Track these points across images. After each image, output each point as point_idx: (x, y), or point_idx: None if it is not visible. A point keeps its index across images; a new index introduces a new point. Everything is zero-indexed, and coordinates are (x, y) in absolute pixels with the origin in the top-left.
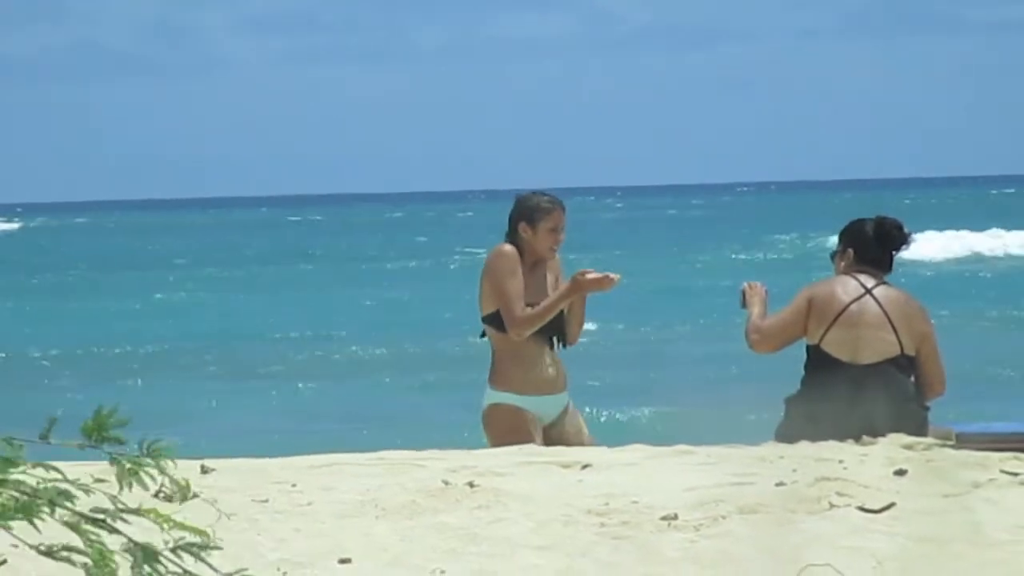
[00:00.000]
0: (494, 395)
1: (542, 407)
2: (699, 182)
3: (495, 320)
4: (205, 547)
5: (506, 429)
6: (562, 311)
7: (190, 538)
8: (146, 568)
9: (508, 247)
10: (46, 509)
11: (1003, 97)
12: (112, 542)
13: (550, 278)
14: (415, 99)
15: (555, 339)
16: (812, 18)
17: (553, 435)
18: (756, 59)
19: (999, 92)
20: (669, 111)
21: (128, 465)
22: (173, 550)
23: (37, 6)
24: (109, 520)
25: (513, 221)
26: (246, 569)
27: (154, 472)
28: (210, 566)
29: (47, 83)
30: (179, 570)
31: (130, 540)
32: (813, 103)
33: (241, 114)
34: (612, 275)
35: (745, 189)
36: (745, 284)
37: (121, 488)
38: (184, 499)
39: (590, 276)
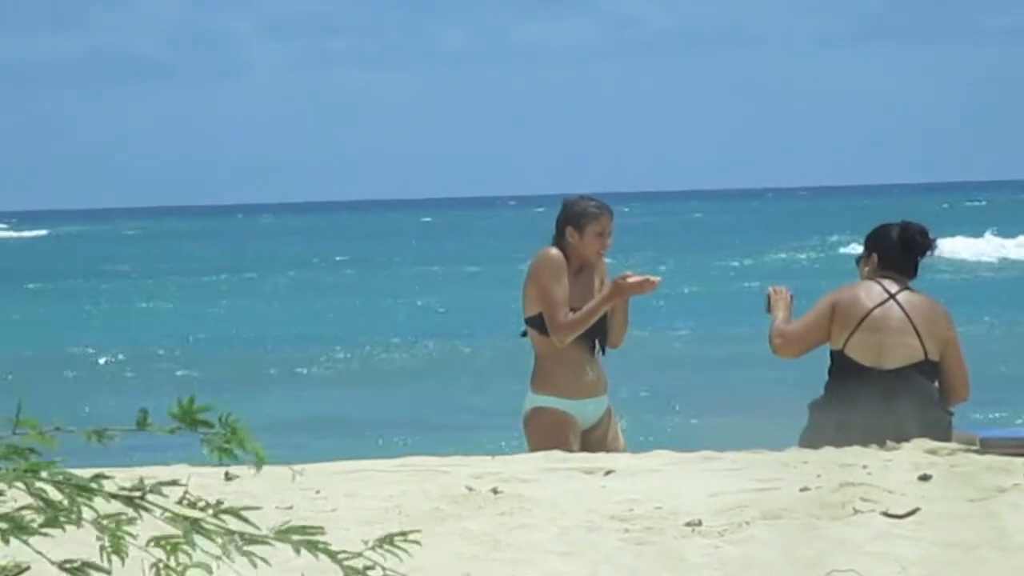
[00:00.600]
0: (536, 399)
1: (583, 411)
2: (720, 187)
3: (538, 323)
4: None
5: (547, 433)
6: (605, 314)
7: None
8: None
9: (554, 251)
10: (71, 516)
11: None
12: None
13: (596, 282)
14: (437, 103)
15: (598, 342)
16: (831, 24)
17: (592, 439)
18: (776, 64)
19: (1017, 98)
20: (689, 116)
21: (220, 444)
22: (215, 514)
23: (58, 13)
24: (146, 495)
25: (560, 225)
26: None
27: (236, 449)
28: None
29: (68, 89)
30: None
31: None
32: (835, 108)
33: (264, 118)
34: (653, 278)
35: (771, 195)
36: (770, 288)
37: (221, 461)
38: (261, 465)
39: (631, 280)
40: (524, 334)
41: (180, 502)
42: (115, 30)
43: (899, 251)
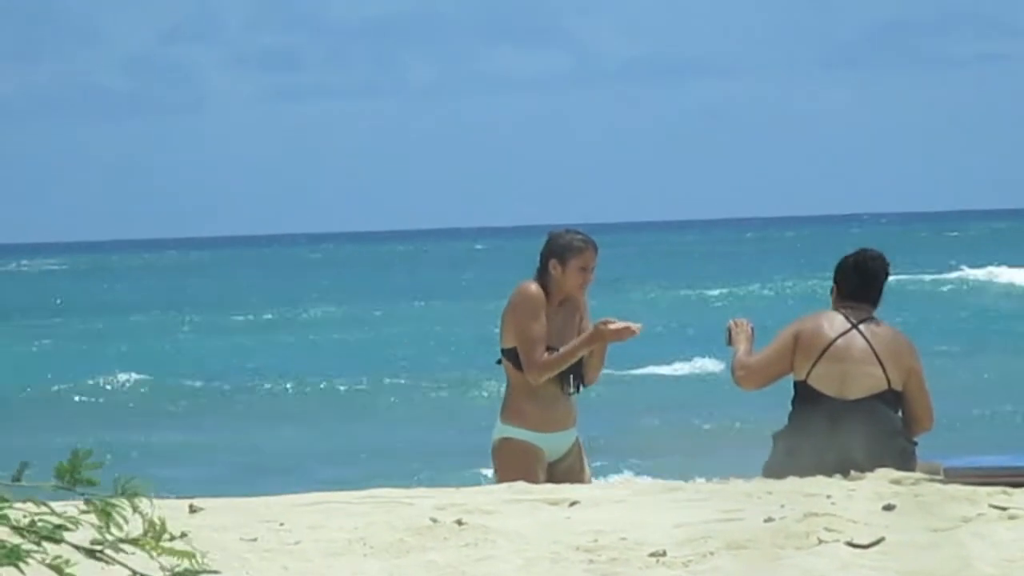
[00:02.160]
0: (505, 429)
1: (551, 443)
2: (693, 217)
3: (513, 355)
4: (198, 572)
5: (514, 463)
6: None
7: (184, 564)
8: None
9: (533, 287)
10: (36, 548)
11: (990, 130)
12: (110, 572)
13: (576, 318)
14: (406, 134)
15: (572, 379)
16: (802, 53)
17: (559, 471)
18: (747, 93)
19: (986, 125)
20: (659, 145)
21: (101, 506)
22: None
23: (23, 45)
24: (107, 551)
25: (544, 258)
26: None
27: (127, 512)
28: None
29: (29, 122)
30: None
31: (132, 570)
32: (805, 137)
33: (231, 151)
34: (633, 326)
35: (747, 224)
36: (731, 321)
37: (107, 527)
38: (158, 540)
39: (612, 326)
40: (499, 361)
41: (145, 534)
42: (81, 62)
43: (855, 279)
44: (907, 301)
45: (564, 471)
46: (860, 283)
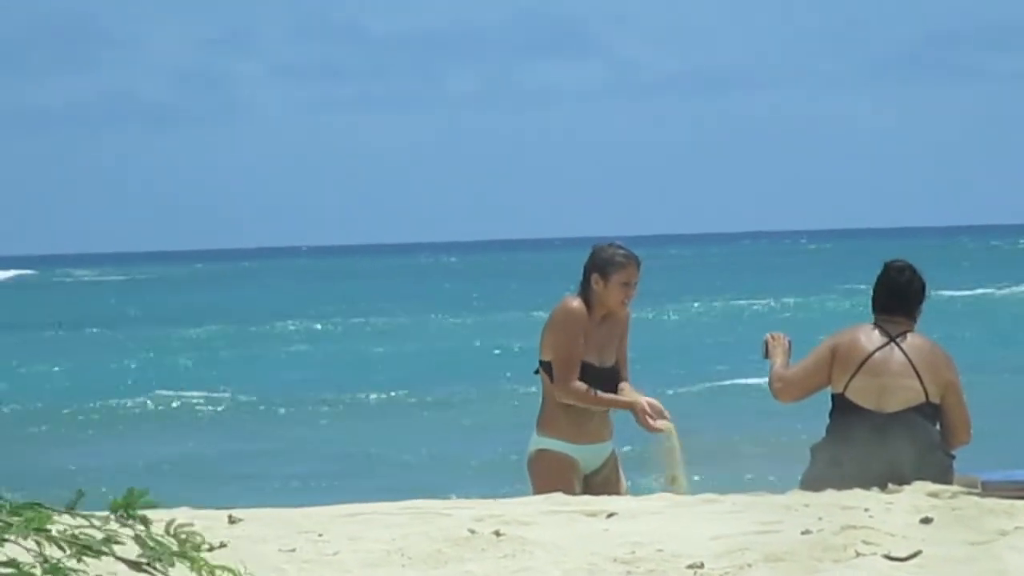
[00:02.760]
0: (541, 440)
1: (586, 455)
2: (727, 230)
3: (550, 368)
4: None
5: (549, 475)
6: (616, 368)
7: None
8: None
9: (575, 303)
10: (77, 568)
11: None
12: None
13: (617, 332)
14: (445, 146)
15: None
16: (837, 66)
17: (595, 483)
18: (783, 106)
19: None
20: (697, 158)
21: (155, 548)
22: None
23: (68, 57)
24: (156, 564)
25: (587, 271)
26: None
27: (181, 561)
28: None
29: (74, 134)
30: None
31: None
32: (840, 151)
33: (271, 162)
34: (662, 425)
35: (781, 238)
36: (768, 334)
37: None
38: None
39: (648, 420)
40: (536, 371)
41: (183, 544)
42: (124, 73)
43: (884, 292)
44: (951, 313)
45: (600, 484)
46: (890, 296)
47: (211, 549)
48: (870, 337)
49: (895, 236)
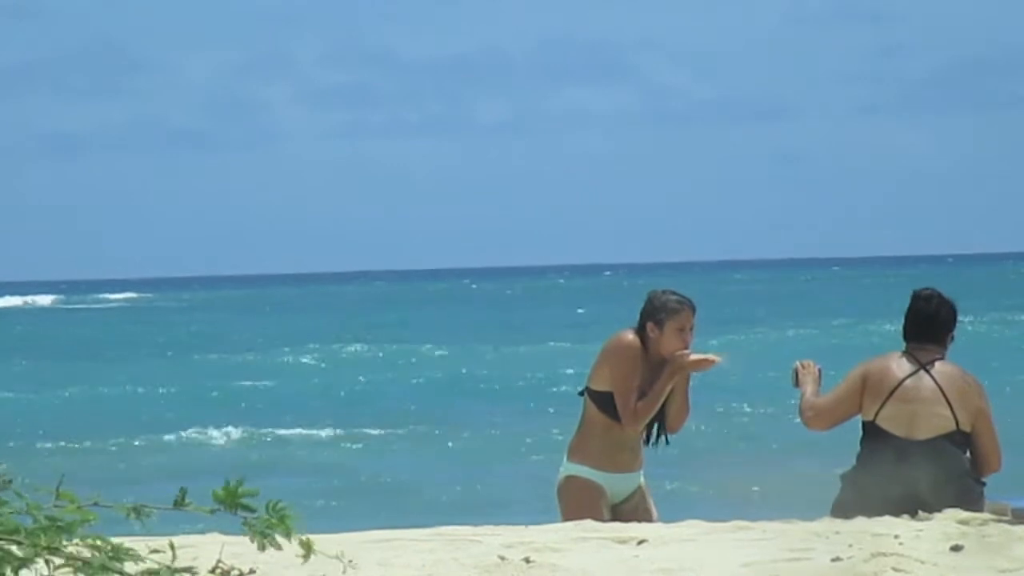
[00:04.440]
0: (570, 467)
1: (614, 484)
2: (760, 257)
3: (601, 399)
4: None
5: (578, 502)
6: (663, 407)
7: None
8: None
9: (631, 337)
10: None
11: None
12: None
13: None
14: (476, 172)
15: (656, 428)
16: (871, 94)
17: (623, 512)
18: (816, 134)
19: None
20: (729, 186)
21: (261, 527)
22: None
23: (99, 82)
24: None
25: (642, 317)
26: None
27: (283, 536)
28: None
29: (103, 159)
30: None
31: None
32: (876, 178)
33: (301, 188)
34: (712, 356)
35: (839, 267)
36: (797, 363)
37: (263, 548)
38: (309, 555)
39: (692, 357)
40: (581, 393)
41: (213, 571)
42: (155, 99)
43: (911, 320)
44: (989, 341)
45: (629, 512)
46: (918, 324)
47: (241, 575)
48: (900, 365)
49: (929, 263)
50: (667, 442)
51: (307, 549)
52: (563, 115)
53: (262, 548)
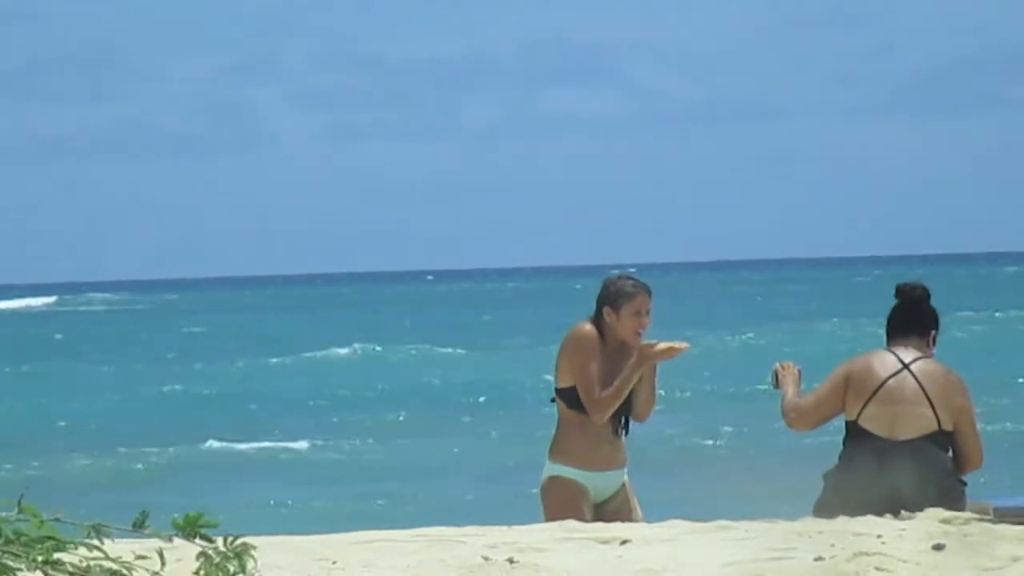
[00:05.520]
0: (552, 468)
1: (597, 483)
2: (748, 257)
3: (567, 395)
4: None
5: (560, 502)
6: (629, 395)
7: None
8: None
9: (588, 327)
10: None
11: None
12: None
13: (629, 357)
14: (463, 175)
15: (623, 418)
16: (857, 95)
17: (607, 512)
18: (803, 135)
19: None
20: (716, 187)
21: (217, 559)
22: None
23: (89, 86)
24: None
25: (599, 304)
26: None
27: (237, 566)
28: None
29: (90, 162)
30: None
31: None
32: (862, 179)
33: (290, 190)
34: (679, 344)
35: (829, 267)
36: (777, 364)
37: (163, 565)
38: None
39: (658, 347)
40: (553, 400)
41: (196, 573)
42: (145, 102)
43: (896, 313)
44: (984, 338)
45: (612, 512)
46: (903, 317)
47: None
48: (884, 363)
49: (915, 264)
50: (626, 432)
51: None
52: (551, 117)
53: None
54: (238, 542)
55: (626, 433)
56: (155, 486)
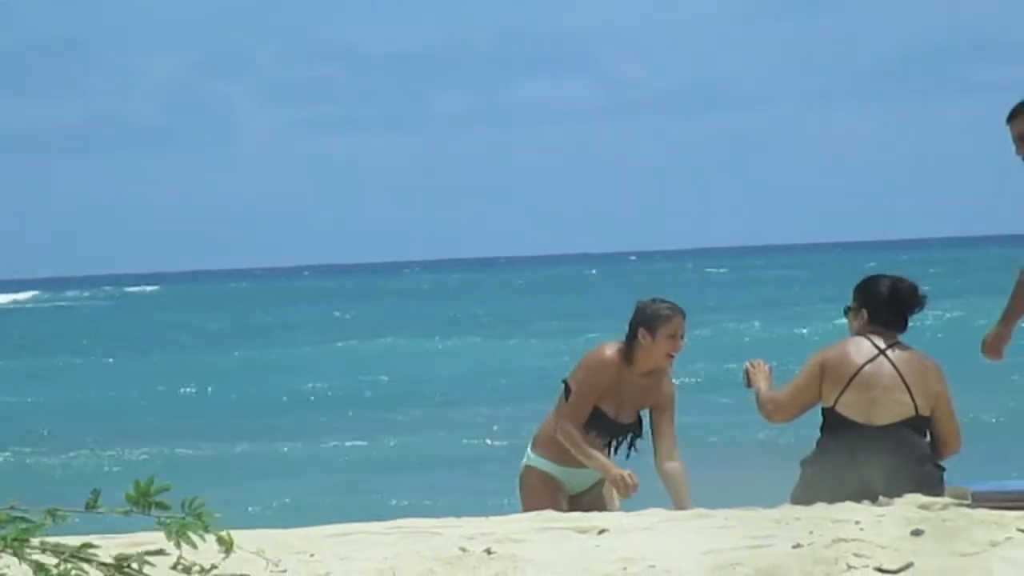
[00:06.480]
0: (531, 457)
1: (572, 478)
2: (721, 245)
3: (568, 393)
4: None
5: (535, 494)
6: (640, 421)
7: None
8: None
9: (610, 354)
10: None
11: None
12: None
13: (659, 386)
14: (434, 166)
15: (613, 444)
16: (829, 81)
17: (582, 504)
18: (773, 122)
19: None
20: (689, 175)
21: (176, 527)
22: None
23: (55, 80)
24: (133, 563)
25: (633, 327)
26: None
27: (200, 532)
28: None
29: (61, 157)
30: None
31: None
32: (839, 166)
33: (259, 183)
34: (630, 487)
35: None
36: (747, 363)
37: (179, 547)
38: (229, 551)
39: (617, 475)
40: (564, 381)
41: (175, 567)
42: (113, 96)
43: (889, 308)
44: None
45: (588, 504)
46: (893, 314)
47: (202, 571)
48: (860, 350)
49: (884, 249)
50: (615, 453)
51: (226, 545)
52: (522, 106)
53: (178, 546)
54: (196, 502)
55: (615, 453)
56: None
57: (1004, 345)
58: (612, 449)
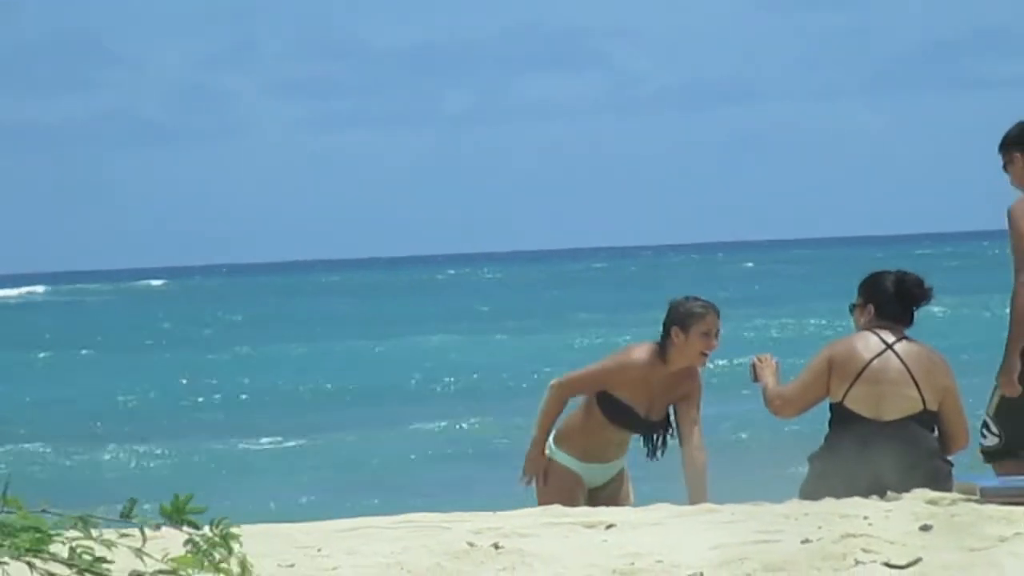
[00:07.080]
0: (555, 451)
1: (591, 473)
2: (727, 239)
3: (606, 399)
4: None
5: (555, 487)
6: (668, 418)
7: None
8: None
9: (636, 356)
10: None
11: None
12: None
13: (687, 384)
14: (442, 161)
15: (647, 441)
16: (833, 77)
17: (601, 497)
18: (779, 118)
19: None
20: (695, 170)
21: (204, 546)
22: None
23: (66, 75)
24: None
25: (667, 326)
26: None
27: (224, 552)
28: None
29: (76, 150)
30: None
31: None
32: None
33: (268, 179)
34: (534, 475)
35: (803, 249)
36: (754, 357)
37: (203, 566)
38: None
39: (529, 463)
40: None
41: (174, 560)
42: (124, 91)
43: (895, 302)
44: (966, 321)
45: (606, 498)
46: (900, 308)
47: (216, 570)
48: (867, 344)
49: (897, 243)
50: (663, 452)
51: (244, 569)
52: (529, 102)
53: (200, 567)
54: (222, 525)
55: (662, 453)
56: (146, 484)
57: (1015, 375)
58: (651, 449)
